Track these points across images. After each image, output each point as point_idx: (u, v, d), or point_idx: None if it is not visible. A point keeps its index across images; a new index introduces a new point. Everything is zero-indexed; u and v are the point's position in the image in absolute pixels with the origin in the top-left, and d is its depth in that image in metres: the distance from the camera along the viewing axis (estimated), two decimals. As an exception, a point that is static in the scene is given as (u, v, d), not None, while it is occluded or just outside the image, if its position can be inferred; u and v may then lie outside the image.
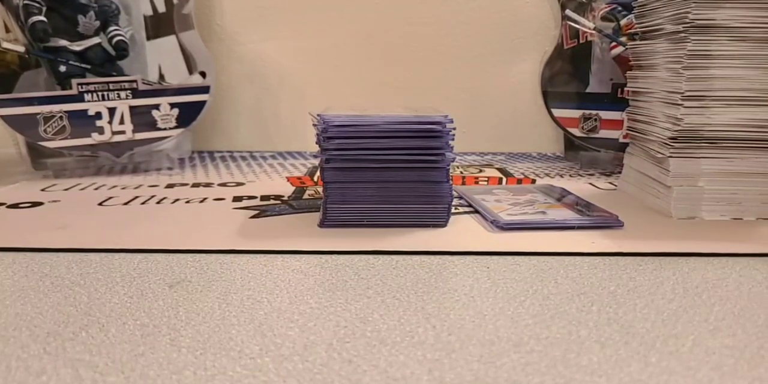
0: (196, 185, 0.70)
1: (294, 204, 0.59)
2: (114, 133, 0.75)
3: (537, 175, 0.76)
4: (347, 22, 0.93)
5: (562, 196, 0.60)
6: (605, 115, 0.79)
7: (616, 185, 0.68)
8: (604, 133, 0.79)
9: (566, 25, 0.81)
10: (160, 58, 0.80)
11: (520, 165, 0.84)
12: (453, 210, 0.54)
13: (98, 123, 0.74)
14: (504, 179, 0.73)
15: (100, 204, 0.59)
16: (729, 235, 0.49)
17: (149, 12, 0.79)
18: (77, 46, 0.73)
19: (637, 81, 0.62)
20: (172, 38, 0.80)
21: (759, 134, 0.52)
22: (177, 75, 0.80)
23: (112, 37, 0.75)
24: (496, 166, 0.82)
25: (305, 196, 0.63)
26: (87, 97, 0.73)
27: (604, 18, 0.79)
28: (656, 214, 0.55)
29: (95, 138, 0.74)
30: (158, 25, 0.79)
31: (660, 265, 0.42)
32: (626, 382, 0.26)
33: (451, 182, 0.50)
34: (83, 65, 0.73)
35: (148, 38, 0.79)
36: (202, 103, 0.80)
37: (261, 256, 0.44)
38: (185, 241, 0.47)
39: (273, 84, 0.95)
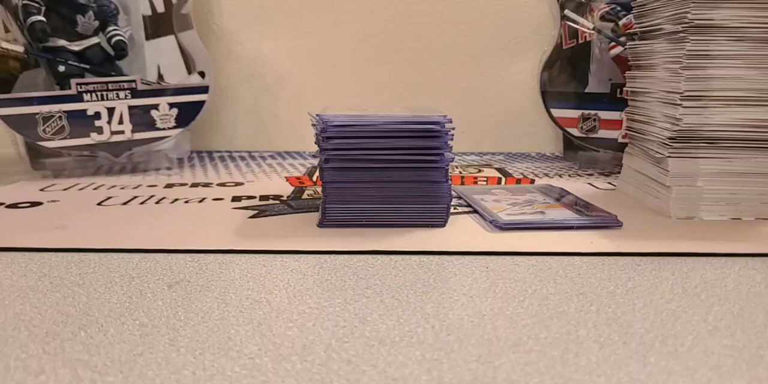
0: (195, 185, 0.69)
1: (293, 204, 0.59)
2: (113, 133, 0.75)
3: (536, 175, 0.76)
4: (345, 21, 0.93)
5: (561, 196, 0.60)
6: (604, 115, 0.79)
7: (615, 185, 0.69)
8: (603, 133, 0.79)
9: (565, 25, 0.81)
10: (158, 58, 0.79)
11: (519, 165, 0.84)
12: (452, 210, 0.54)
13: (97, 123, 0.74)
14: (503, 179, 0.73)
15: (99, 204, 0.59)
16: (728, 235, 0.49)
17: (148, 12, 0.79)
18: (76, 46, 0.73)
19: (635, 81, 0.62)
20: (170, 38, 0.80)
21: (758, 134, 0.52)
22: (176, 75, 0.80)
23: (111, 37, 0.75)
24: (495, 166, 0.82)
25: (304, 196, 0.63)
26: (86, 97, 0.73)
27: (603, 18, 0.79)
28: (655, 214, 0.55)
29: (94, 138, 0.74)
30: (157, 25, 0.79)
31: (659, 265, 0.42)
32: (625, 382, 0.26)
33: (449, 182, 0.50)
34: (82, 65, 0.73)
35: (147, 38, 0.79)
36: (201, 103, 0.80)
37: (260, 256, 0.44)
38: (184, 241, 0.47)
39: (272, 84, 0.95)
